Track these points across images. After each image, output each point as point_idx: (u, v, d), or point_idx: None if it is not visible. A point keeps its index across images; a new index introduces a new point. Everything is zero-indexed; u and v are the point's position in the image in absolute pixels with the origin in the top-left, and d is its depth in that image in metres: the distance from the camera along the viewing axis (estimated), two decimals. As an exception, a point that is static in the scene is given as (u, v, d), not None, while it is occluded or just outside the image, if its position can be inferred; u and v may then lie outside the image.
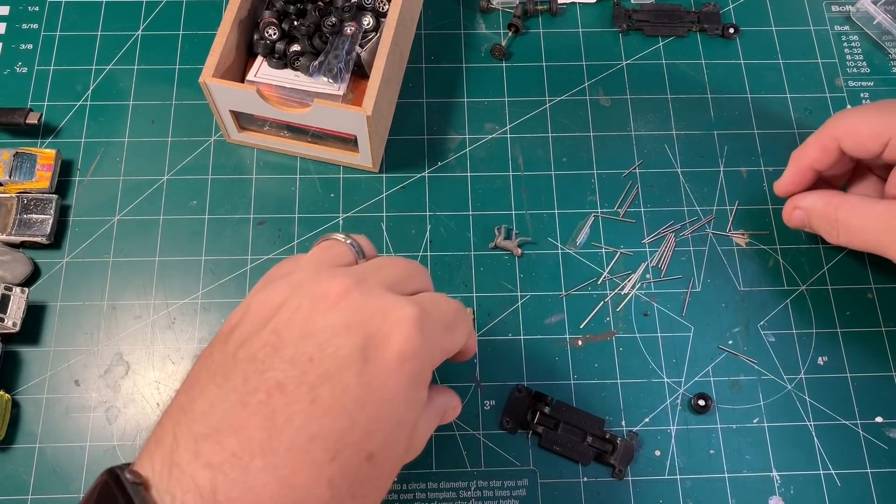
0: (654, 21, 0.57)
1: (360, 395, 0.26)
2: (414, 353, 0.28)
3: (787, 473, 0.45)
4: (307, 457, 0.25)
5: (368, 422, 0.27)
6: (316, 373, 0.26)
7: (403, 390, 0.28)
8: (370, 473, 0.27)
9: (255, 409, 0.26)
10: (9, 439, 0.45)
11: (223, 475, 0.25)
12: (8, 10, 0.56)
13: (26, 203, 0.49)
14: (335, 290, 0.28)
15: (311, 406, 0.26)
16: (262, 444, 0.25)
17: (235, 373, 0.27)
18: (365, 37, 0.48)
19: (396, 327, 0.28)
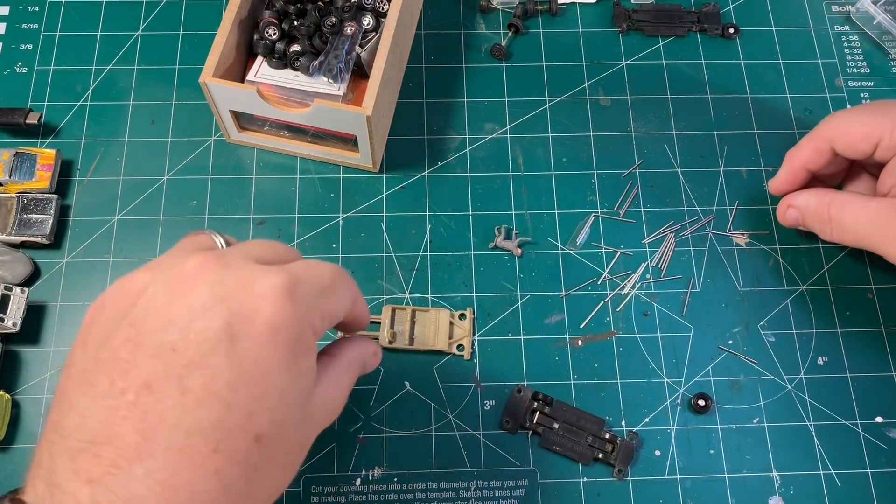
0: (654, 21, 0.57)
1: (232, 378, 0.25)
2: (286, 322, 0.26)
3: (787, 473, 0.45)
4: (187, 453, 0.24)
5: (247, 403, 0.25)
6: (181, 363, 0.25)
7: (281, 363, 0.26)
8: (263, 455, 0.26)
9: (127, 413, 0.24)
10: (9, 439, 0.45)
11: (104, 488, 0.23)
12: (8, 10, 0.56)
13: (26, 203, 0.49)
14: (191, 268, 0.26)
15: (182, 399, 0.24)
16: (139, 449, 0.24)
17: (100, 377, 0.25)
18: (365, 37, 0.48)
19: (263, 298, 0.26)
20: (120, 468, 0.24)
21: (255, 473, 0.26)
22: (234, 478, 0.25)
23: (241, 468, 0.25)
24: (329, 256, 0.49)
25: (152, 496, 0.24)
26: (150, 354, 0.25)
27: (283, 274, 0.27)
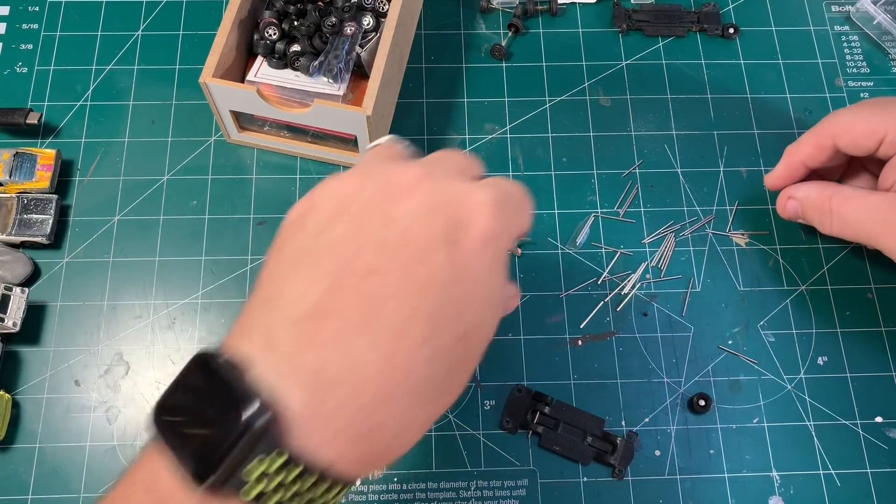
0: (653, 21, 0.57)
1: (449, 277, 0.27)
2: (494, 234, 0.28)
3: (786, 473, 0.45)
4: (405, 336, 0.26)
5: (459, 301, 0.27)
6: (405, 257, 0.26)
7: (488, 271, 0.28)
8: (463, 353, 0.28)
9: (351, 292, 0.26)
10: (9, 439, 0.45)
11: (326, 354, 0.25)
12: (8, 10, 0.56)
13: (26, 203, 0.49)
14: (408, 178, 0.28)
15: (404, 288, 0.26)
16: (362, 324, 0.25)
17: (323, 259, 0.27)
18: (365, 37, 0.48)
19: (476, 210, 0.28)
20: (343, 339, 0.25)
21: (455, 370, 0.27)
22: (439, 369, 0.27)
23: (446, 361, 0.27)
24: (329, 256, 0.49)
25: (372, 367, 0.25)
26: (373, 246, 0.27)
27: (492, 190, 0.29)
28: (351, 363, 0.25)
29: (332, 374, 0.25)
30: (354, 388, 0.25)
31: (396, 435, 0.27)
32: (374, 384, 0.25)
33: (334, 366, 0.25)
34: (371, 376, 0.25)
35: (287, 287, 0.27)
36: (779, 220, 0.51)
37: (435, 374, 0.27)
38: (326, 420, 0.25)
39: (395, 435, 0.27)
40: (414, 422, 0.27)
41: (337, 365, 0.25)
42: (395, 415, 0.26)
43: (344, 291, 0.26)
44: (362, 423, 0.25)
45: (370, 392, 0.25)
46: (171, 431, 0.25)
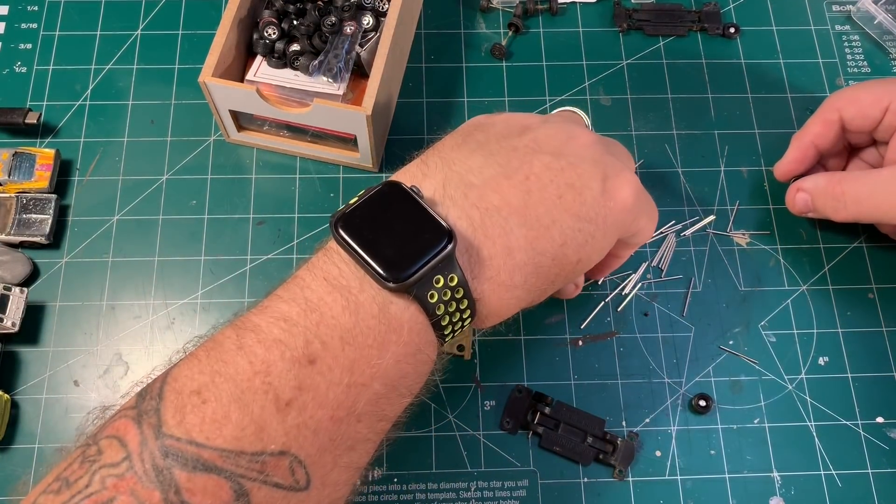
0: (654, 20, 0.57)
1: (591, 213, 0.33)
2: (629, 209, 0.35)
3: (787, 474, 0.45)
4: (548, 233, 0.32)
5: (589, 235, 0.34)
6: (566, 180, 0.33)
7: (612, 231, 0.35)
8: (571, 271, 0.34)
9: (516, 184, 0.32)
10: (8, 439, 0.44)
11: (488, 217, 0.32)
12: (7, 10, 0.56)
13: (25, 203, 0.49)
14: (584, 137, 0.35)
15: (558, 201, 0.33)
16: (519, 209, 0.32)
17: (499, 152, 0.33)
18: (365, 36, 0.48)
19: (626, 184, 0.34)
20: (501, 212, 0.32)
21: (559, 278, 0.35)
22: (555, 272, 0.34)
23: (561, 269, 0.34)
24: (329, 256, 0.49)
25: (519, 242, 0.32)
26: (544, 161, 0.33)
27: (637, 180, 0.36)
28: (504, 230, 0.32)
29: (490, 233, 0.32)
30: (505, 249, 0.32)
31: (521, 301, 0.33)
32: (520, 253, 0.32)
33: (492, 227, 0.31)
34: (518, 246, 0.32)
35: (465, 159, 0.33)
36: (780, 220, 0.51)
37: (551, 274, 0.34)
38: (483, 264, 0.31)
39: (521, 301, 0.33)
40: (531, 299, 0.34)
41: (494, 227, 0.31)
42: (525, 285, 0.33)
43: (510, 181, 0.32)
44: (507, 279, 0.32)
45: (516, 258, 0.32)
46: (363, 239, 0.30)
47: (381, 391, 0.30)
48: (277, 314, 0.29)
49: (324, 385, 0.28)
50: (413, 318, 0.30)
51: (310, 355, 0.28)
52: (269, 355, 0.28)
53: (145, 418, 0.27)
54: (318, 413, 0.28)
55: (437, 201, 0.32)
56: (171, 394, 0.28)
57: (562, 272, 0.34)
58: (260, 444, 0.27)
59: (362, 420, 0.30)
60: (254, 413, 0.27)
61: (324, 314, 0.29)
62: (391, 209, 0.31)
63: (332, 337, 0.29)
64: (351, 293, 0.30)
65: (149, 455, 0.26)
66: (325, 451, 0.29)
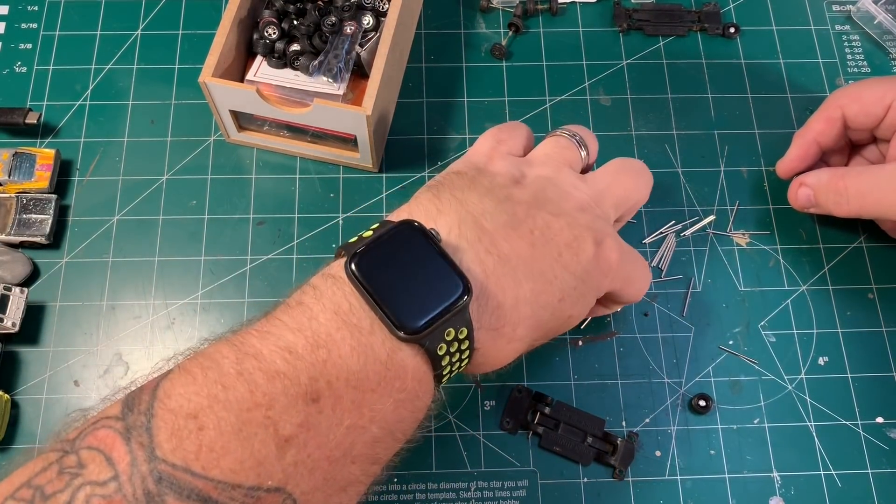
0: (654, 20, 0.57)
1: (584, 273, 0.35)
2: (616, 271, 0.37)
3: (787, 474, 0.45)
4: (550, 288, 0.34)
5: (581, 293, 0.35)
6: (564, 239, 0.35)
7: (599, 290, 0.37)
8: (563, 326, 0.36)
9: (522, 235, 0.34)
10: (8, 439, 0.44)
11: (500, 265, 0.32)
12: (7, 10, 0.56)
13: (25, 203, 0.49)
14: (579, 198, 0.37)
15: (558, 258, 0.34)
16: (526, 261, 0.33)
17: (506, 201, 0.35)
18: (365, 36, 0.48)
19: (614, 250, 0.36)
20: (510, 262, 0.33)
21: (554, 331, 0.36)
22: (551, 323, 0.35)
23: (556, 321, 0.35)
24: (329, 256, 0.49)
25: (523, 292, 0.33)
26: (545, 219, 0.35)
27: (620, 249, 0.37)
28: (512, 279, 0.32)
29: (501, 283, 0.32)
30: (513, 301, 0.32)
31: (517, 353, 0.34)
32: (525, 306, 0.33)
33: (500, 273, 0.32)
34: (524, 299, 0.33)
35: (475, 203, 0.34)
36: (780, 220, 0.51)
37: (547, 324, 0.35)
38: (490, 314, 0.32)
39: (517, 353, 0.34)
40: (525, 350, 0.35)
41: (501, 274, 0.32)
42: (525, 339, 0.34)
43: (517, 232, 0.33)
44: (510, 332, 0.33)
45: (521, 311, 0.33)
46: (379, 283, 0.29)
47: (377, 435, 0.29)
48: (282, 343, 0.28)
49: (325, 425, 0.28)
50: (417, 367, 0.30)
51: (313, 393, 0.28)
52: (271, 387, 0.27)
53: (135, 435, 0.26)
54: (317, 453, 0.28)
55: (452, 243, 0.32)
56: (164, 412, 0.27)
57: (556, 327, 0.36)
58: (257, 479, 0.26)
59: (356, 462, 0.29)
60: (254, 447, 0.26)
61: (331, 352, 0.28)
62: (408, 251, 0.30)
63: (339, 378, 0.28)
64: (362, 334, 0.29)
65: (140, 478, 0.25)
66: (317, 490, 0.28)
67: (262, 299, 0.48)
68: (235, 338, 0.29)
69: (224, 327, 0.47)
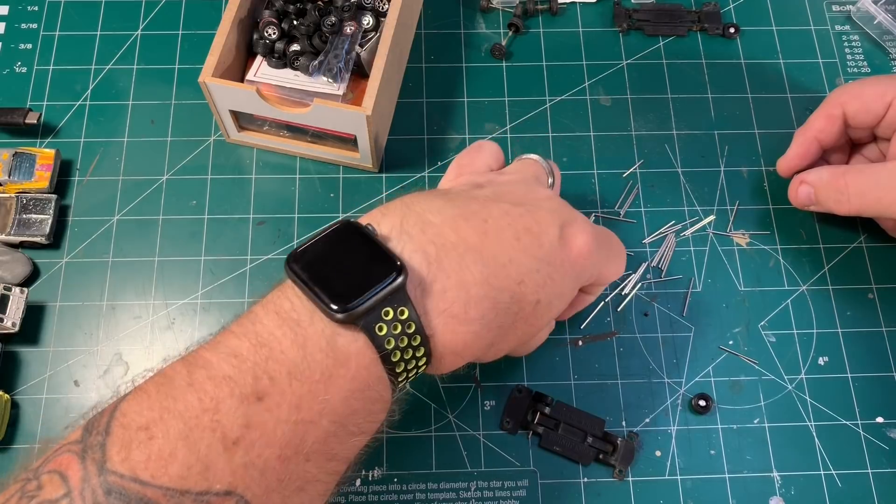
0: (654, 20, 0.57)
1: (547, 256, 0.34)
2: (587, 255, 0.36)
3: (787, 474, 0.45)
4: (504, 271, 0.33)
5: (547, 276, 0.34)
6: (523, 224, 0.34)
7: (571, 276, 0.36)
8: (532, 314, 0.35)
9: (474, 225, 0.33)
10: (8, 439, 0.44)
11: (444, 252, 0.32)
12: (7, 10, 0.56)
13: (25, 203, 0.49)
14: (543, 193, 0.37)
15: (515, 242, 0.33)
16: (475, 247, 0.32)
17: (459, 197, 0.35)
18: (365, 36, 0.48)
19: (581, 232, 0.36)
20: (457, 249, 0.32)
21: (523, 322, 0.35)
22: (516, 312, 0.34)
23: (521, 310, 0.34)
24: (329, 256, 0.49)
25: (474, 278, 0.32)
26: (503, 208, 0.34)
27: (592, 229, 0.37)
28: (460, 267, 0.32)
29: (443, 267, 0.31)
30: (459, 283, 0.31)
31: (479, 338, 0.33)
32: (475, 287, 0.32)
33: (447, 261, 0.32)
34: (473, 281, 0.32)
35: (424, 202, 0.34)
36: (780, 220, 0.51)
37: (512, 313, 0.33)
38: (436, 297, 0.31)
39: (479, 338, 0.33)
40: (490, 338, 0.33)
41: (449, 262, 0.32)
42: (482, 320, 0.32)
43: (469, 222, 0.33)
44: (461, 312, 0.31)
45: (470, 292, 0.32)
46: (314, 273, 0.30)
47: (329, 429, 0.29)
48: (228, 350, 0.29)
49: (271, 422, 0.28)
50: (361, 352, 0.30)
51: (258, 392, 0.28)
52: (218, 392, 0.28)
53: (90, 453, 0.26)
54: (266, 452, 0.27)
55: (392, 237, 0.32)
56: (118, 429, 0.27)
57: (522, 312, 0.34)
58: (205, 483, 0.26)
59: (311, 459, 0.29)
60: (200, 451, 0.26)
61: (273, 349, 0.29)
62: (344, 245, 0.31)
63: (280, 372, 0.28)
64: (300, 326, 0.29)
65: (90, 492, 0.25)
66: (272, 492, 0.28)
67: (262, 299, 0.48)
68: (189, 355, 0.30)
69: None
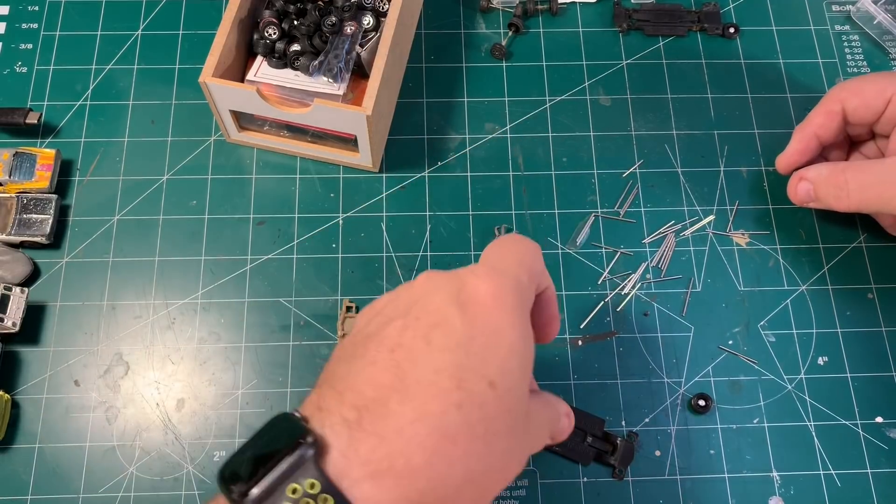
0: (654, 21, 0.57)
1: (467, 331, 0.30)
2: (501, 289, 0.31)
3: (787, 473, 0.45)
4: (435, 387, 0.28)
5: (481, 351, 0.29)
6: (426, 325, 0.30)
7: (507, 320, 0.31)
8: (497, 400, 0.29)
9: (383, 366, 0.30)
10: (8, 439, 0.44)
11: (367, 410, 0.29)
12: (8, 10, 0.56)
13: (26, 203, 0.49)
14: (417, 282, 0.33)
15: (427, 348, 0.29)
16: (395, 386, 0.29)
17: (362, 348, 0.31)
18: (365, 36, 0.48)
19: (477, 279, 0.31)
20: (379, 399, 0.29)
21: (491, 421, 0.29)
22: (474, 416, 0.29)
23: (480, 409, 0.29)
24: (329, 256, 0.49)
25: (406, 417, 0.28)
26: (399, 326, 0.31)
27: (483, 266, 0.33)
28: (386, 415, 0.28)
29: (369, 423, 0.28)
30: (392, 433, 0.28)
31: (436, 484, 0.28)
32: (410, 430, 0.28)
33: (372, 417, 0.28)
34: (406, 424, 0.28)
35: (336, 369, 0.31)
36: (779, 220, 0.51)
37: (471, 422, 0.28)
38: (363, 462, 0.27)
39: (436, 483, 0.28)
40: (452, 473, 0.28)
41: (374, 417, 0.28)
42: (432, 461, 0.28)
43: (378, 366, 0.30)
44: (399, 465, 0.27)
45: (405, 434, 0.28)
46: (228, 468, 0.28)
47: None
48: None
49: None
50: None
51: None
52: None
53: None
54: None
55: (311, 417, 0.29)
56: None
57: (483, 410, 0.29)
58: None
59: None
60: None
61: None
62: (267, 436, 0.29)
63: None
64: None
65: None
66: None
67: (263, 299, 0.48)
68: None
69: (224, 327, 0.47)
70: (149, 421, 0.45)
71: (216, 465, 0.44)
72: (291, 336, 0.47)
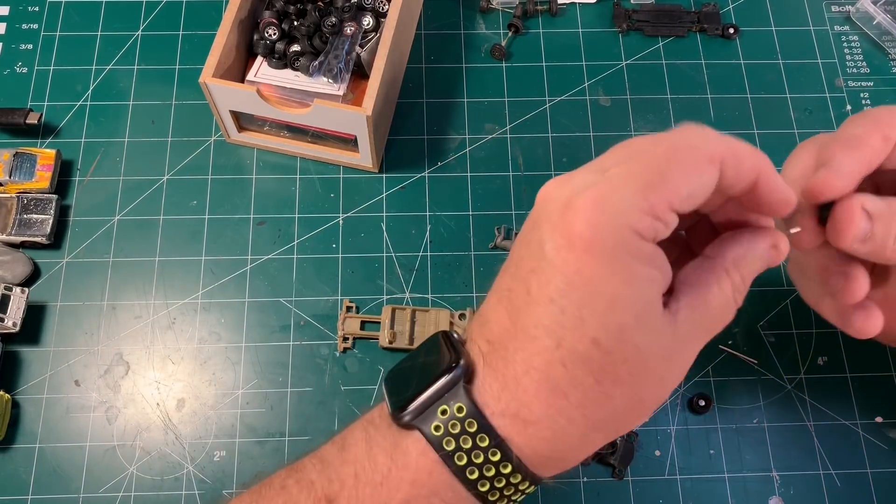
0: (653, 21, 0.57)
1: (560, 284, 0.27)
2: (598, 230, 0.27)
3: (786, 473, 0.45)
4: (537, 343, 0.28)
5: (577, 308, 0.27)
6: (526, 270, 0.29)
7: (605, 272, 0.27)
8: (605, 359, 0.27)
9: (504, 304, 0.30)
10: (9, 439, 0.45)
11: (493, 349, 0.29)
12: (8, 10, 0.56)
13: (26, 203, 0.49)
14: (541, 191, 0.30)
15: (528, 297, 0.28)
16: (510, 330, 0.29)
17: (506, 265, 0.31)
18: (365, 37, 0.48)
19: (574, 216, 0.27)
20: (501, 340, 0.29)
21: (603, 376, 0.27)
22: (580, 374, 0.27)
23: (586, 366, 0.27)
24: (329, 256, 0.49)
25: (520, 367, 0.28)
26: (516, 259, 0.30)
27: (591, 190, 0.28)
28: (505, 360, 0.29)
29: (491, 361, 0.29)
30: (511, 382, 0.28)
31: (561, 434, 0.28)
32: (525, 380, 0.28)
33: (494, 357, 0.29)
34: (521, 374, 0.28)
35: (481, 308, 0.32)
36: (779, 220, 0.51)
37: (578, 380, 0.27)
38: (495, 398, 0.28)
39: (560, 434, 0.28)
40: (572, 424, 0.28)
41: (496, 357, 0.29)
42: (550, 413, 0.28)
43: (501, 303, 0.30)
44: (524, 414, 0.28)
45: (522, 387, 0.28)
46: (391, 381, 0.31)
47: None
48: (320, 454, 0.31)
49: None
50: (422, 456, 0.29)
51: (329, 495, 0.29)
52: (299, 495, 0.30)
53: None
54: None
55: (465, 339, 0.31)
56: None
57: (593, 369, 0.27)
58: None
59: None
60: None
61: (349, 452, 0.30)
62: (425, 353, 0.32)
63: (349, 474, 0.30)
64: (374, 430, 0.30)
65: None
66: None
67: (263, 299, 0.48)
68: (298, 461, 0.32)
69: (224, 327, 0.47)
70: (149, 421, 0.45)
71: (216, 464, 0.44)
72: (291, 336, 0.48)
